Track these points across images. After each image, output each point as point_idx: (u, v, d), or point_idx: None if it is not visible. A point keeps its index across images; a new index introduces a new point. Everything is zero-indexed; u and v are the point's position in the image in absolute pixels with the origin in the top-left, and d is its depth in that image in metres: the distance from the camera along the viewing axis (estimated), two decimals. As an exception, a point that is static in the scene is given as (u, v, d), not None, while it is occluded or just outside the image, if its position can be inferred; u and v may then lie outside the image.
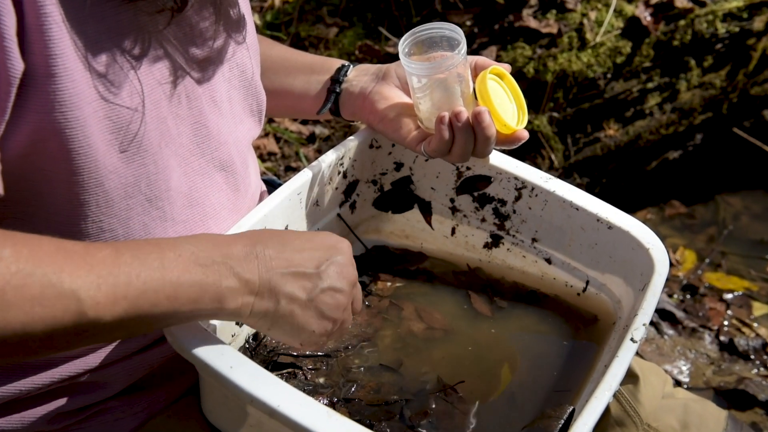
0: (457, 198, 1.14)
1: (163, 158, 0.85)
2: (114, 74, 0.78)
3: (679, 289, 2.17)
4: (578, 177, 2.36)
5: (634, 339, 0.88)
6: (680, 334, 2.03)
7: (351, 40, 2.48)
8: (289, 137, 2.41)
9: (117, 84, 0.79)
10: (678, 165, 2.41)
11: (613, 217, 1.03)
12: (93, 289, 0.69)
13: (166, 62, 0.84)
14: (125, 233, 0.84)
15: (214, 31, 0.89)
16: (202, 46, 0.88)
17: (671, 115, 2.34)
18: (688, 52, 2.30)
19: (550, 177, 1.07)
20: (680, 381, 1.92)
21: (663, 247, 1.00)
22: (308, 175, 1.03)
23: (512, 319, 1.08)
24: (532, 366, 1.02)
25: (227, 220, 0.97)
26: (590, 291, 1.08)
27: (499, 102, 0.99)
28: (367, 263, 1.15)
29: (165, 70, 0.84)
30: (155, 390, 0.95)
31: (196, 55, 0.88)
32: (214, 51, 0.90)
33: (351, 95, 1.08)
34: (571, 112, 2.33)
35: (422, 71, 0.97)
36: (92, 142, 0.77)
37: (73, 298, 0.68)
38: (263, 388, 0.77)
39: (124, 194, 0.82)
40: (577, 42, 2.31)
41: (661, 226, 2.35)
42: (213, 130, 0.92)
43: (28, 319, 0.66)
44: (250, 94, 0.99)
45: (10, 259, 0.66)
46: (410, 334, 1.05)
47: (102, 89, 0.77)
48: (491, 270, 1.15)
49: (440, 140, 0.98)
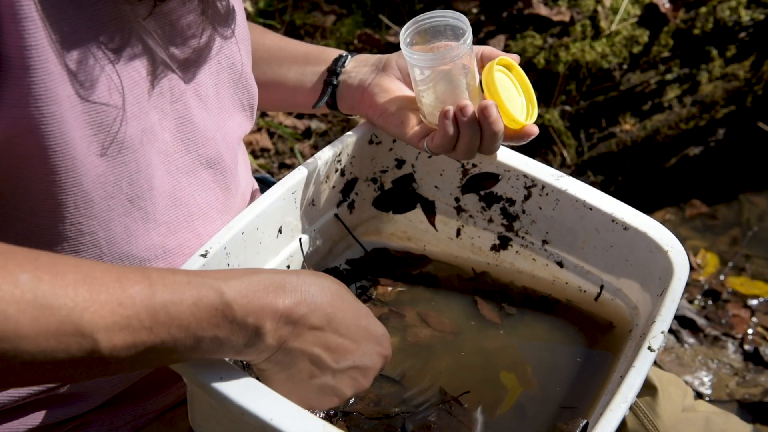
0: (463, 197, 1.14)
1: (145, 156, 0.85)
2: (92, 68, 0.78)
3: (701, 294, 2.17)
4: (592, 175, 2.36)
5: (652, 348, 0.88)
6: (701, 343, 2.03)
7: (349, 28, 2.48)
8: (283, 132, 2.41)
9: (95, 78, 0.79)
10: (699, 162, 2.41)
11: (630, 218, 1.03)
12: (113, 332, 0.68)
13: (147, 56, 0.84)
14: (106, 236, 0.85)
15: (200, 25, 0.89)
16: (186, 40, 0.88)
17: (691, 109, 2.34)
18: (710, 41, 2.31)
19: (561, 175, 1.07)
20: (702, 393, 1.92)
21: (683, 249, 1.00)
22: (304, 173, 1.03)
23: (521, 327, 1.08)
24: (543, 376, 1.02)
25: (216, 220, 0.97)
26: (605, 296, 1.08)
27: (507, 95, 1.00)
28: (366, 267, 1.15)
29: (146, 65, 0.84)
30: (140, 402, 0.95)
31: (180, 50, 0.88)
32: (199, 46, 0.90)
33: (349, 88, 1.08)
34: (584, 106, 2.33)
35: (425, 62, 0.97)
36: (69, 139, 0.77)
37: (90, 337, 0.67)
38: (255, 401, 0.77)
39: (104, 194, 0.82)
40: (590, 30, 2.31)
41: (680, 227, 2.35)
42: (199, 126, 0.92)
43: (40, 351, 0.66)
44: (240, 88, 1.00)
45: (28, 285, 0.65)
46: (414, 341, 1.05)
47: (79, 84, 0.77)
48: (499, 274, 1.15)
49: (444, 136, 0.98)
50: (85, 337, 0.67)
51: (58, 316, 0.66)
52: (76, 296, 0.67)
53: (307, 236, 1.08)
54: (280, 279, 0.77)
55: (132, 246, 0.87)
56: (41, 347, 0.66)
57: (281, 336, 0.77)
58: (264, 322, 0.75)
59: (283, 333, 0.77)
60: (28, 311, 0.65)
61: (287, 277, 0.78)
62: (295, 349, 0.79)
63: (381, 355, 0.85)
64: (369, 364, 0.84)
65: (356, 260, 1.16)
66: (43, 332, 0.65)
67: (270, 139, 2.42)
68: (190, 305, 0.72)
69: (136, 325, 0.69)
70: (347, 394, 0.84)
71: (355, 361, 0.83)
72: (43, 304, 0.65)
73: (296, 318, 0.77)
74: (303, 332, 0.78)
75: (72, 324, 0.66)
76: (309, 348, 0.79)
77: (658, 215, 2.37)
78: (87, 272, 0.69)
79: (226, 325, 0.74)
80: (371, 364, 0.84)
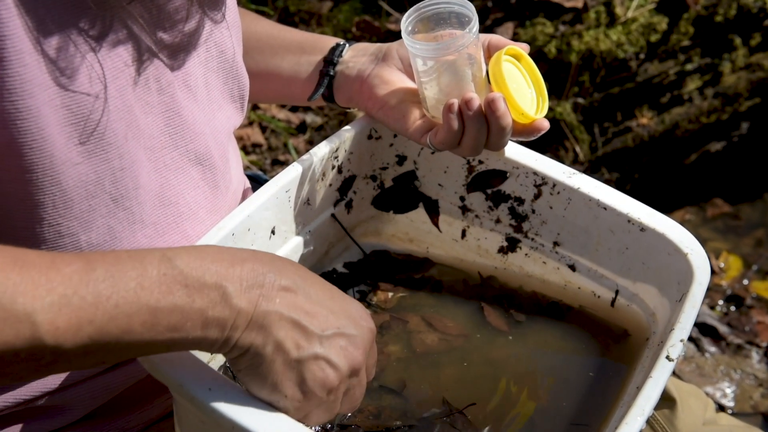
0: (468, 196, 1.14)
1: (129, 152, 0.85)
2: (71, 57, 0.78)
3: (723, 300, 2.17)
4: (606, 172, 2.36)
5: (671, 357, 0.88)
6: (723, 352, 2.03)
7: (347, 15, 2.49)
8: (276, 126, 2.41)
9: (75, 68, 0.78)
10: (721, 158, 2.41)
11: (647, 218, 1.03)
12: (52, 312, 0.67)
13: (131, 44, 0.84)
14: (88, 238, 0.85)
15: (188, 8, 0.89)
16: (173, 25, 0.88)
17: (713, 101, 2.34)
18: (733, 28, 2.31)
19: (574, 172, 1.08)
20: (724, 405, 1.92)
21: (704, 252, 1.00)
22: (298, 170, 1.03)
23: (531, 335, 1.08)
24: (554, 388, 1.02)
25: (206, 220, 0.97)
26: (620, 302, 1.09)
27: (516, 87, 1.00)
28: (365, 271, 1.15)
29: (131, 53, 0.84)
30: (124, 415, 0.95)
31: (166, 36, 0.88)
32: (187, 31, 0.90)
33: (347, 79, 1.08)
34: (598, 98, 2.33)
35: (428, 52, 0.97)
36: (47, 135, 0.77)
37: (27, 321, 0.67)
38: (246, 414, 0.77)
39: (85, 194, 0.82)
40: (605, 17, 2.32)
41: (701, 228, 2.35)
42: (188, 119, 0.92)
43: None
44: (230, 78, 1.00)
45: None
46: (420, 349, 1.05)
47: (58, 74, 0.77)
48: (507, 278, 1.15)
49: (448, 131, 0.98)
50: (22, 322, 0.66)
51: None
52: (7, 280, 0.67)
53: (301, 238, 1.08)
54: (234, 250, 0.77)
55: (117, 248, 0.87)
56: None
57: (250, 298, 0.74)
58: (225, 282, 0.73)
59: (252, 295, 0.74)
60: None
61: (240, 250, 0.77)
62: (271, 312, 0.75)
63: (364, 327, 0.82)
64: (355, 332, 0.80)
65: (354, 263, 1.16)
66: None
67: (262, 133, 2.42)
68: (135, 276, 0.71)
69: (77, 303, 0.68)
70: (341, 365, 0.79)
71: (340, 328, 0.79)
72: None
73: (260, 280, 0.75)
74: (273, 294, 0.76)
75: (3, 309, 0.66)
76: (286, 311, 0.76)
77: (677, 215, 2.37)
78: (17, 256, 0.69)
79: (180, 290, 0.72)
80: (357, 332, 0.80)
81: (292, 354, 0.77)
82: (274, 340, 0.76)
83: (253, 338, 0.75)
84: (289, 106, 2.47)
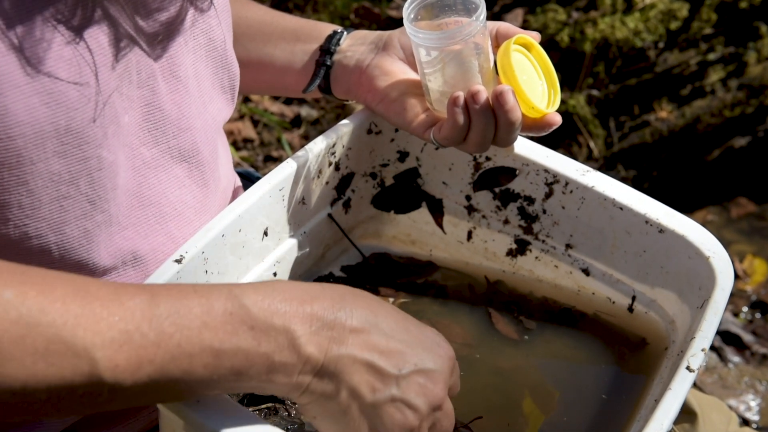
0: (475, 195, 1.14)
1: (108, 150, 0.85)
2: (41, 43, 0.78)
3: (747, 306, 2.17)
4: (623, 169, 2.36)
5: (691, 367, 0.89)
6: (748, 362, 2.04)
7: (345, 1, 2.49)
8: (269, 120, 2.41)
9: (45, 56, 0.78)
10: (746, 154, 2.41)
11: (666, 219, 1.03)
12: (112, 349, 0.68)
13: (110, 31, 0.83)
14: (59, 240, 0.84)
15: None
16: (157, 10, 0.88)
17: (737, 94, 2.34)
18: (759, 15, 2.31)
19: (588, 169, 1.08)
20: (748, 419, 1.92)
21: (727, 255, 1.00)
22: (292, 167, 1.04)
23: (542, 343, 1.09)
24: (566, 400, 1.02)
25: (194, 221, 0.97)
26: (637, 309, 1.09)
27: (526, 79, 1.00)
28: (364, 275, 1.15)
29: (109, 38, 0.83)
30: (104, 429, 0.95)
31: (149, 22, 0.88)
32: (172, 16, 0.90)
33: (345, 69, 1.08)
34: (614, 90, 2.33)
35: (432, 42, 0.97)
36: (14, 133, 0.77)
37: (85, 357, 0.67)
38: (236, 428, 0.77)
39: (56, 195, 0.82)
40: (621, 3, 2.32)
41: (724, 230, 2.36)
42: (170, 114, 0.92)
43: (30, 375, 0.66)
44: (220, 67, 1.00)
45: (12, 303, 0.66)
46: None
47: (29, 68, 0.77)
48: (516, 283, 1.15)
49: (454, 126, 0.98)
50: (80, 357, 0.67)
51: (45, 334, 0.66)
52: (66, 312, 0.67)
53: (296, 240, 1.08)
54: (305, 285, 0.77)
55: (93, 253, 0.87)
56: (30, 371, 0.66)
57: (320, 342, 0.75)
58: (293, 325, 0.74)
59: (322, 339, 0.75)
60: (13, 330, 0.65)
61: (310, 286, 0.77)
62: (344, 356, 0.76)
63: (443, 357, 0.82)
64: (433, 366, 0.80)
65: (353, 267, 1.16)
66: (30, 353, 0.66)
67: (254, 128, 2.42)
68: (199, 313, 0.71)
69: (138, 340, 0.69)
70: (420, 405, 0.79)
71: (417, 364, 0.79)
72: (28, 322, 0.66)
73: (331, 320, 0.75)
74: (345, 336, 0.76)
75: (62, 342, 0.67)
76: (359, 353, 0.76)
77: (699, 216, 2.38)
78: (79, 286, 0.69)
79: (246, 333, 0.72)
80: (435, 366, 0.80)
81: (368, 398, 0.77)
82: (348, 386, 0.77)
83: (325, 386, 0.76)
84: (282, 98, 2.48)
